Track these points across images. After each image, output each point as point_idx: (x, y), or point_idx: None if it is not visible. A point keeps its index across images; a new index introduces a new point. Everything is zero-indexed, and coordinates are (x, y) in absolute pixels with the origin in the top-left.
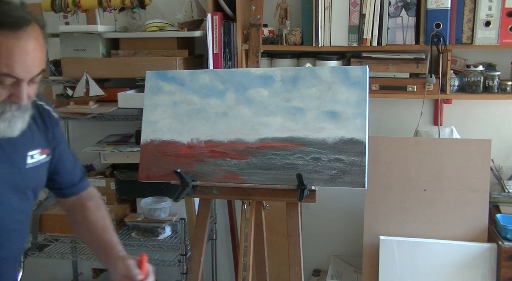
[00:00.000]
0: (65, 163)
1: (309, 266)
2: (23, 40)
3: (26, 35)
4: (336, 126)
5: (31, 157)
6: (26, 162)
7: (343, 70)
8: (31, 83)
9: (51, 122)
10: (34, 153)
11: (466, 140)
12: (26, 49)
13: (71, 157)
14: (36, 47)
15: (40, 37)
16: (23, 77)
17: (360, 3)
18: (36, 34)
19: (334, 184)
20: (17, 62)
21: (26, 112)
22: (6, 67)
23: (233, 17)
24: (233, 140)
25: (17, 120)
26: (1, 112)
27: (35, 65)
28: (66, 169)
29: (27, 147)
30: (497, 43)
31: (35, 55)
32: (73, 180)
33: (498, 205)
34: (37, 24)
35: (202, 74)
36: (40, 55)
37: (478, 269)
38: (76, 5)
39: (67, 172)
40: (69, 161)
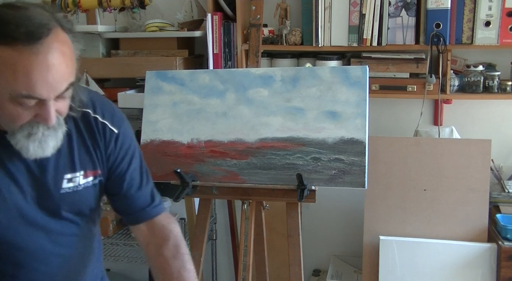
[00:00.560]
0: (126, 186)
1: (309, 266)
2: (41, 55)
3: (45, 47)
4: (336, 126)
5: (68, 181)
6: (61, 187)
7: (343, 70)
8: (59, 99)
9: (106, 138)
10: (73, 176)
11: (466, 140)
12: (47, 65)
13: (137, 179)
14: (59, 59)
15: (66, 45)
16: (46, 97)
17: (360, 3)
18: (59, 43)
19: (334, 184)
20: (38, 81)
21: (59, 129)
22: (26, 88)
23: (233, 17)
24: (233, 140)
25: (48, 139)
26: (28, 133)
27: (60, 80)
28: (127, 193)
29: (63, 169)
30: (497, 43)
31: (59, 69)
32: (136, 205)
33: (498, 205)
34: (61, 28)
35: (202, 74)
36: (66, 67)
37: (478, 269)
38: (76, 5)
39: (128, 196)
40: (132, 184)
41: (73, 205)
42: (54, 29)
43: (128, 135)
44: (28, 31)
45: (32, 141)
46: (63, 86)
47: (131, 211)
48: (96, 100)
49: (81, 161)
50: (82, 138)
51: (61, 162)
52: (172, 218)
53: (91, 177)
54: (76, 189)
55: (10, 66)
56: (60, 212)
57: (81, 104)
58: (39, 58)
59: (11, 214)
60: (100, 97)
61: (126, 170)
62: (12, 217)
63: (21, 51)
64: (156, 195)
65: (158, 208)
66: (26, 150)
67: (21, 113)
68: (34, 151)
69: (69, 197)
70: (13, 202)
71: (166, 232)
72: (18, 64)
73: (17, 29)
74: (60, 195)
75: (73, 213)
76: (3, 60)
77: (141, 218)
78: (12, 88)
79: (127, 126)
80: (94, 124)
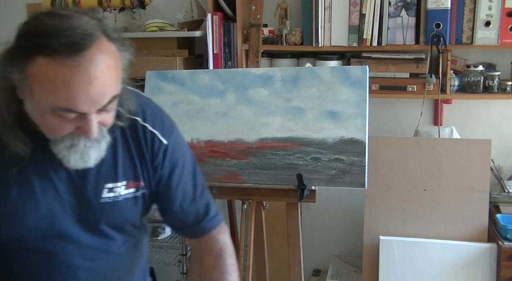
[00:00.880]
0: (179, 201)
1: (309, 266)
2: (83, 67)
3: (87, 59)
4: (336, 126)
5: (109, 190)
6: (101, 196)
7: (343, 70)
8: (102, 112)
9: (154, 149)
10: (115, 186)
11: (466, 140)
12: (88, 78)
13: (190, 192)
14: (102, 72)
15: (110, 55)
16: (87, 111)
17: (360, 3)
18: (102, 54)
19: (334, 184)
20: (78, 95)
21: (102, 141)
22: (66, 101)
23: (233, 17)
24: (233, 140)
25: (90, 151)
26: (70, 144)
27: (102, 94)
28: (179, 208)
29: (105, 178)
30: (497, 43)
31: (101, 82)
32: (186, 222)
33: (498, 205)
34: (106, 38)
35: (202, 74)
36: (110, 79)
37: (478, 269)
38: (76, 5)
39: (181, 211)
40: (185, 198)
41: (111, 218)
42: (98, 39)
43: (178, 145)
44: (69, 42)
45: (74, 153)
46: (106, 100)
47: (184, 226)
48: (146, 107)
49: (125, 171)
50: (127, 147)
51: (103, 171)
52: (223, 228)
53: (132, 189)
54: (116, 200)
55: (50, 79)
56: (97, 224)
57: (130, 112)
58: (80, 71)
59: (42, 219)
60: (151, 104)
61: (177, 184)
62: (43, 222)
63: (62, 64)
64: (211, 207)
65: (213, 221)
66: (67, 161)
67: (62, 125)
68: (75, 162)
69: (108, 207)
70: (47, 208)
71: (212, 242)
72: (58, 76)
73: (58, 40)
74: (99, 205)
75: (111, 226)
76: (43, 72)
77: (196, 234)
78: (52, 101)
79: (177, 135)
80: (142, 134)
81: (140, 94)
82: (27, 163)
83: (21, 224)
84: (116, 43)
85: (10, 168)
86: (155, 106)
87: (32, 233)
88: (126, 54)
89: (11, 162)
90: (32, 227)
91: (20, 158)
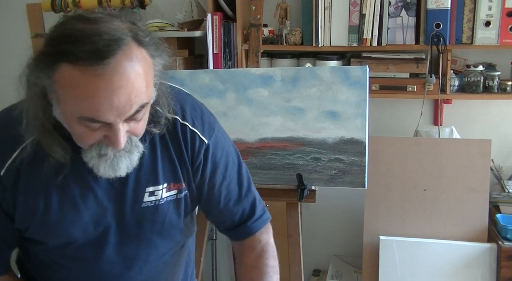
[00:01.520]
0: (223, 201)
1: (309, 266)
2: (106, 76)
3: (111, 68)
4: (336, 126)
5: (150, 194)
6: (142, 200)
7: (343, 70)
8: (131, 121)
9: (195, 149)
10: (156, 189)
11: (466, 140)
12: (112, 88)
13: (235, 191)
14: (128, 80)
15: (139, 62)
16: (112, 121)
17: (360, 3)
18: (129, 61)
19: (334, 184)
20: (102, 105)
21: (133, 151)
22: (90, 111)
23: (233, 17)
24: (233, 140)
25: (120, 161)
26: (99, 153)
27: (129, 103)
28: (218, 208)
29: (145, 182)
30: (497, 43)
31: (128, 91)
32: (229, 222)
33: (498, 205)
34: (136, 43)
35: (202, 74)
36: (138, 87)
37: (478, 269)
38: (76, 5)
39: (219, 212)
40: (230, 198)
41: (154, 222)
42: (126, 45)
43: (220, 143)
44: (93, 50)
45: (103, 162)
46: (133, 109)
47: (229, 227)
48: (186, 104)
49: (165, 173)
50: (166, 148)
51: (142, 175)
52: (267, 228)
53: (174, 191)
54: (157, 203)
55: (73, 87)
56: (140, 231)
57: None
58: (103, 79)
59: (85, 228)
60: (190, 100)
61: (221, 183)
62: (85, 231)
63: (84, 72)
64: (257, 206)
65: (259, 222)
66: (97, 170)
67: (89, 134)
68: (104, 171)
69: (150, 212)
70: (89, 217)
71: (254, 241)
72: (81, 85)
73: (82, 46)
74: (141, 210)
75: (154, 232)
76: (67, 79)
77: (234, 236)
78: (76, 109)
79: (219, 132)
80: (181, 133)
81: (180, 90)
82: (67, 171)
83: (64, 234)
84: (148, 48)
85: (53, 177)
86: (195, 103)
87: (74, 242)
88: (161, 58)
89: (53, 171)
90: (75, 236)
91: (61, 166)
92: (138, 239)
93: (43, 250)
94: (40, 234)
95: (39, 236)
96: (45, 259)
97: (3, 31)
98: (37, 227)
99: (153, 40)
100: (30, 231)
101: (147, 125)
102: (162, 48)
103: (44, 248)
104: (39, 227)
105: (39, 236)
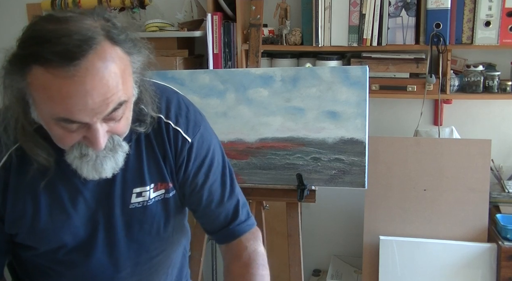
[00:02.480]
0: (205, 201)
1: (309, 266)
2: (78, 78)
3: (83, 68)
4: (336, 126)
5: (137, 195)
6: (130, 201)
7: (343, 70)
8: (110, 121)
9: (178, 147)
10: (143, 190)
11: (466, 140)
12: (84, 89)
13: (218, 192)
14: (102, 81)
15: (114, 60)
16: (89, 121)
17: (360, 3)
18: (102, 60)
19: (334, 184)
20: (75, 106)
21: (118, 150)
22: (64, 112)
23: (233, 17)
24: (233, 140)
25: (104, 162)
26: (80, 154)
27: (105, 103)
28: (206, 209)
29: (132, 183)
30: (497, 43)
31: (102, 91)
32: (214, 225)
33: (498, 205)
34: (110, 41)
35: (202, 74)
36: (113, 86)
37: (478, 269)
38: (76, 5)
39: (209, 213)
40: (212, 199)
41: (143, 223)
42: (97, 45)
43: (205, 142)
44: (63, 51)
45: (85, 163)
46: (110, 108)
47: (213, 230)
48: (171, 101)
49: (151, 173)
50: (151, 147)
51: (128, 176)
52: (255, 234)
53: (162, 191)
54: (146, 204)
55: (45, 89)
56: (129, 232)
57: (154, 109)
58: (75, 81)
59: (75, 232)
60: (177, 97)
61: (203, 183)
62: (75, 236)
63: (55, 74)
64: (241, 210)
65: (243, 226)
66: (81, 171)
67: (67, 136)
68: (88, 172)
69: (139, 213)
70: (79, 220)
71: (240, 249)
72: (53, 88)
73: (51, 48)
74: (130, 211)
75: (143, 233)
76: (38, 82)
77: (224, 239)
78: (51, 111)
79: (205, 130)
80: (165, 131)
81: (166, 87)
82: (53, 175)
83: (54, 238)
84: (124, 45)
85: (39, 181)
86: (181, 100)
87: (64, 246)
88: (139, 55)
89: (39, 175)
90: (65, 240)
91: (47, 170)
92: (128, 240)
93: (34, 255)
94: (30, 240)
95: (29, 241)
96: (37, 264)
97: (3, 31)
98: (26, 232)
99: (129, 37)
100: (20, 236)
101: (132, 124)
102: (140, 45)
103: (35, 253)
104: (29, 232)
105: (29, 241)
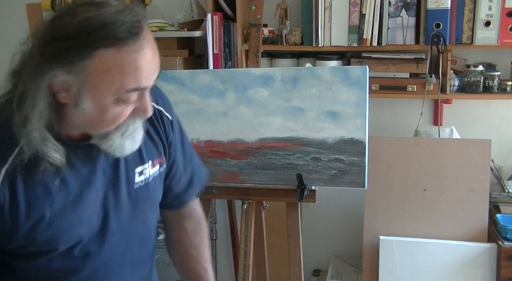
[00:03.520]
0: (175, 172)
1: (309, 266)
2: (144, 50)
3: (145, 40)
4: (336, 126)
5: (140, 174)
6: (134, 181)
7: (343, 70)
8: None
9: (165, 125)
10: (143, 168)
11: (466, 140)
12: (150, 57)
13: (182, 161)
14: (154, 50)
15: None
16: (147, 86)
17: (360, 3)
18: (150, 33)
19: (334, 184)
20: (144, 74)
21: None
22: (133, 82)
23: (233, 17)
24: (233, 140)
25: (136, 133)
26: (122, 132)
27: (156, 70)
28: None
29: (133, 163)
30: (497, 43)
31: (156, 59)
32: (176, 190)
33: (498, 205)
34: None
35: (202, 74)
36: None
37: (478, 269)
38: None
39: (173, 182)
40: (178, 169)
41: (147, 201)
42: (142, 20)
43: (177, 119)
44: (129, 28)
45: (126, 138)
46: (157, 72)
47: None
48: None
49: (148, 151)
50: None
51: (129, 156)
52: (198, 204)
53: (157, 166)
54: (147, 182)
55: (118, 66)
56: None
57: None
58: (142, 52)
59: (91, 224)
60: None
61: (177, 154)
62: (92, 227)
63: (127, 50)
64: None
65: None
66: (122, 149)
67: (123, 112)
68: (129, 147)
69: (142, 191)
70: (93, 211)
71: (190, 210)
72: (125, 62)
73: (118, 28)
74: (135, 191)
75: (147, 208)
76: (106, 64)
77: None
78: (120, 87)
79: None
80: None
81: None
82: (65, 172)
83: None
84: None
85: (51, 182)
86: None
87: (82, 240)
88: None
89: (49, 175)
90: (83, 233)
91: (58, 169)
92: (135, 219)
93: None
94: (49, 243)
95: (47, 245)
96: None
97: (3, 31)
98: (45, 236)
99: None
100: (36, 242)
101: None
102: None
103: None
104: (47, 235)
105: (46, 245)
